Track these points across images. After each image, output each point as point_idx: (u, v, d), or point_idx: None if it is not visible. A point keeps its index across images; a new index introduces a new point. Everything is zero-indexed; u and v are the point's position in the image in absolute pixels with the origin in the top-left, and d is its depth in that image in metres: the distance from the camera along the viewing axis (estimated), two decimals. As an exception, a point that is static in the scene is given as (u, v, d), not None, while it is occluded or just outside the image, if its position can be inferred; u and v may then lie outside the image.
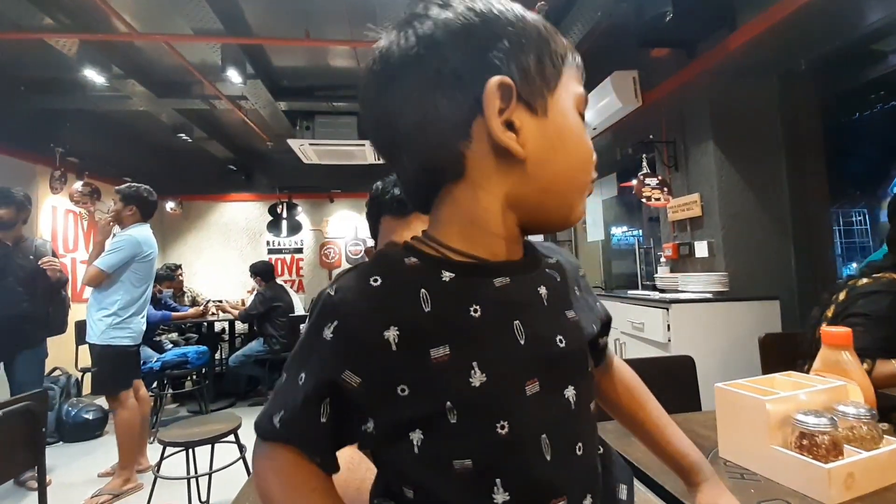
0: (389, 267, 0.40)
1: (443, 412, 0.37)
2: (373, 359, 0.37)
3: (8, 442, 1.20)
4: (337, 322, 0.38)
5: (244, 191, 6.41)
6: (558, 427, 0.39)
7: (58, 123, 4.12)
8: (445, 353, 0.37)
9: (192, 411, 4.10)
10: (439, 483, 0.37)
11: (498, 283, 0.40)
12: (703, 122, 2.73)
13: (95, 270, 2.49)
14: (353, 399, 0.38)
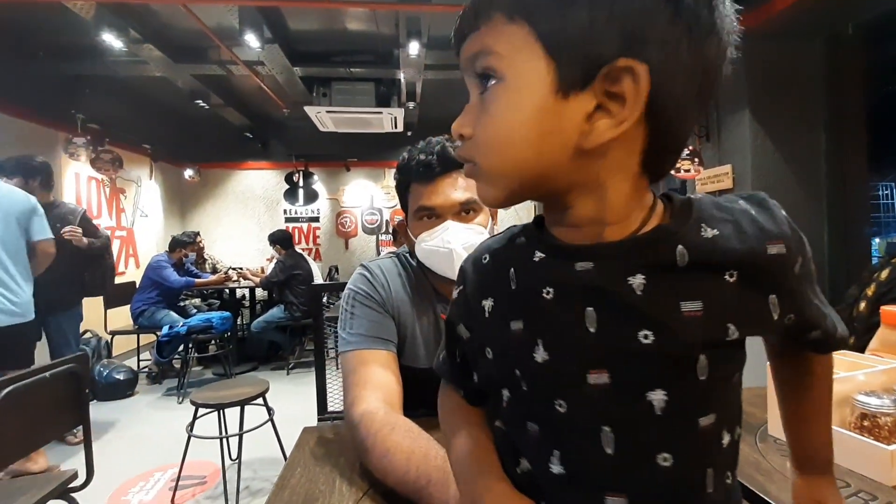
0: (501, 244, 0.45)
1: (516, 379, 0.41)
2: (475, 320, 0.45)
3: (55, 402, 1.25)
4: (461, 287, 0.47)
5: (260, 159, 6.40)
6: (630, 426, 0.36)
7: (77, 90, 4.11)
8: (520, 327, 0.40)
9: (216, 374, 4.23)
10: (518, 436, 0.42)
11: (579, 268, 0.37)
12: (739, 88, 2.61)
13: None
14: (466, 349, 0.48)
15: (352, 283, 0.93)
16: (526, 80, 0.34)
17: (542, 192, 0.38)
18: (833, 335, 0.43)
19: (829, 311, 0.43)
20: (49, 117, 3.77)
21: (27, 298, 2.21)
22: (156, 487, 2.30)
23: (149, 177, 5.36)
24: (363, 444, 0.70)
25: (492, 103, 0.36)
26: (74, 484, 1.34)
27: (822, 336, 0.42)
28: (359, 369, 0.82)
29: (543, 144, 0.35)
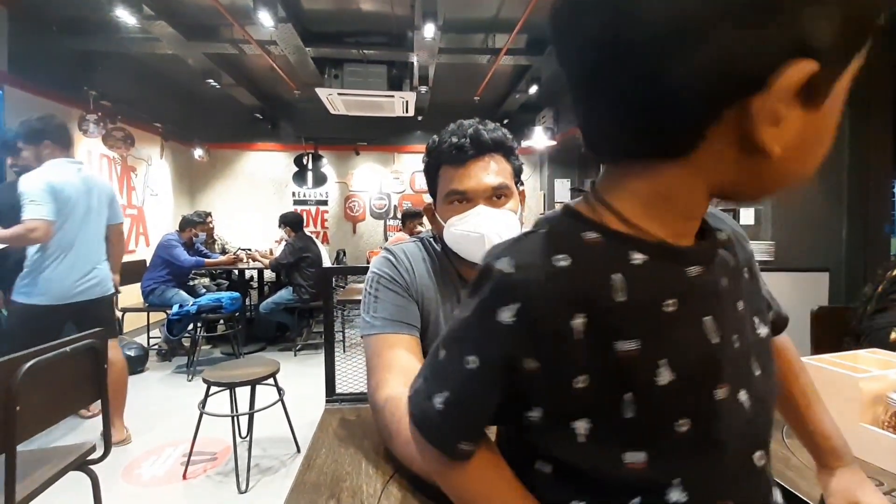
0: (574, 244, 0.35)
1: (618, 406, 0.34)
2: (556, 347, 0.34)
3: (76, 377, 1.26)
4: (520, 305, 0.34)
5: (270, 140, 6.38)
6: (735, 430, 0.36)
7: (90, 66, 4.09)
8: (634, 347, 0.34)
9: (225, 353, 4.28)
10: (607, 474, 0.35)
11: (692, 273, 0.35)
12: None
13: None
14: (524, 386, 0.36)
15: (375, 266, 0.92)
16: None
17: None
18: (781, 313, 0.53)
19: (771, 294, 0.51)
20: (62, 93, 3.76)
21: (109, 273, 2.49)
22: (167, 462, 2.34)
23: (159, 156, 5.36)
24: (387, 428, 0.70)
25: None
26: (93, 456, 1.36)
27: (776, 315, 0.51)
28: (383, 353, 0.81)
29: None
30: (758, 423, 0.38)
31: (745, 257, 0.42)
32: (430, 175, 0.93)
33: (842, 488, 0.50)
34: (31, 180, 2.13)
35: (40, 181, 2.14)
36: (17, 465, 1.07)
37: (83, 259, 2.31)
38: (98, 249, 2.41)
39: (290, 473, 2.26)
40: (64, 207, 2.21)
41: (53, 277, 2.20)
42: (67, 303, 2.23)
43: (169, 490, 2.11)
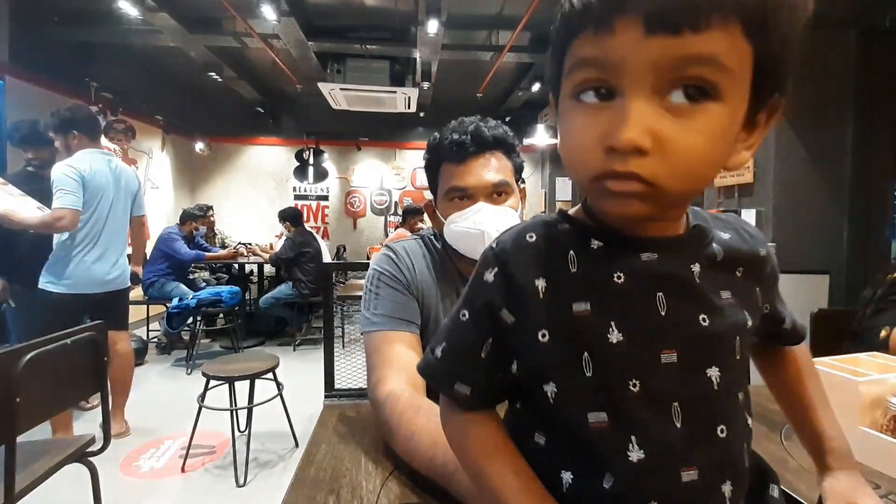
0: (544, 228, 0.43)
1: (578, 363, 0.39)
2: (523, 300, 0.41)
3: (76, 369, 1.27)
4: (497, 268, 0.42)
5: (271, 134, 6.36)
6: (695, 402, 0.39)
7: (91, 58, 4.07)
8: (586, 308, 0.39)
9: (224, 347, 4.28)
10: (574, 434, 0.40)
11: (644, 258, 0.40)
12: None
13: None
14: (506, 337, 0.42)
15: (376, 263, 0.92)
16: (739, 105, 0.34)
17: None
18: (796, 326, 0.53)
19: (789, 310, 0.53)
20: (63, 84, 3.75)
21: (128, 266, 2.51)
22: (166, 455, 2.35)
23: (160, 149, 5.35)
24: (388, 425, 0.70)
25: (704, 123, 0.33)
26: (92, 448, 1.37)
27: (791, 328, 0.52)
28: (383, 349, 0.81)
29: (719, 168, 0.36)
30: (730, 402, 0.41)
31: (746, 260, 0.45)
32: (431, 172, 0.94)
33: (840, 490, 0.50)
34: (62, 169, 2.16)
35: (70, 170, 2.16)
36: (17, 456, 1.07)
37: (110, 249, 2.34)
38: (122, 241, 2.44)
39: (288, 468, 2.26)
40: (93, 197, 2.24)
41: (81, 266, 2.23)
42: (92, 292, 2.27)
43: (167, 483, 2.12)
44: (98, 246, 2.29)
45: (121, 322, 2.51)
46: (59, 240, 2.23)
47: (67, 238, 2.21)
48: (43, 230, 2.14)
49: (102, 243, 2.31)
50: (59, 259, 2.21)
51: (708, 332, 0.40)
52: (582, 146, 0.35)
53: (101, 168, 2.29)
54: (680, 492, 0.38)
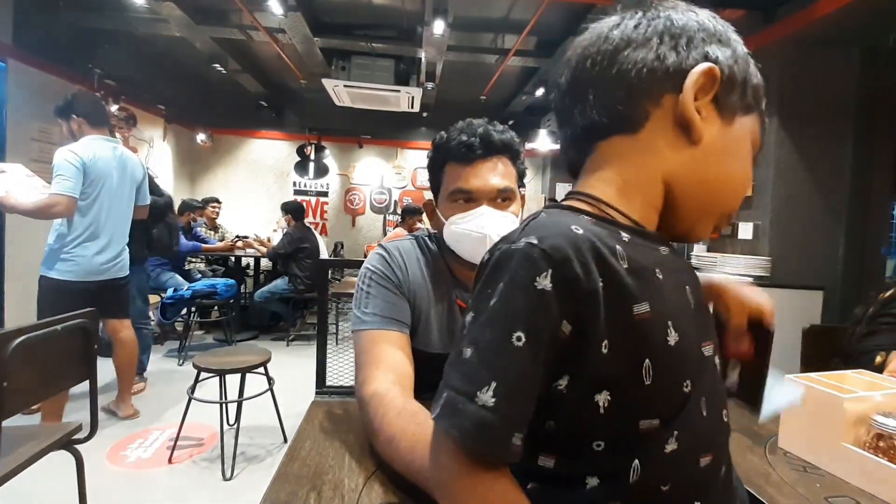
0: (579, 220, 0.40)
1: (639, 372, 0.37)
2: (587, 307, 0.36)
3: (66, 355, 1.26)
4: (552, 270, 0.35)
5: (274, 128, 6.35)
6: (712, 390, 0.42)
7: (95, 44, 4.06)
8: (646, 310, 0.37)
9: (217, 339, 4.27)
10: (620, 440, 0.38)
11: (663, 252, 0.42)
12: (769, 95, 2.49)
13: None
14: (557, 356, 0.36)
15: (369, 262, 0.92)
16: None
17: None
18: None
19: None
20: (66, 69, 3.74)
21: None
22: (154, 445, 2.34)
23: (162, 138, 5.34)
24: (371, 425, 0.70)
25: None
26: (79, 436, 1.36)
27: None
28: (372, 349, 0.81)
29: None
30: (723, 385, 0.45)
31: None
32: (433, 171, 0.93)
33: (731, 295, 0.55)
34: (63, 154, 2.15)
35: (72, 156, 2.15)
36: (2, 440, 1.07)
37: (113, 238, 2.33)
38: (125, 229, 2.43)
39: (275, 463, 2.26)
40: (94, 184, 2.23)
41: (82, 253, 2.21)
42: (93, 280, 2.25)
43: (153, 473, 2.11)
44: (100, 233, 2.28)
45: (122, 310, 2.51)
46: (58, 225, 2.22)
47: (67, 224, 2.19)
48: (38, 216, 2.12)
49: (105, 231, 2.30)
50: (60, 245, 2.20)
51: (712, 319, 0.46)
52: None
53: (104, 155, 2.27)
54: (695, 475, 0.40)
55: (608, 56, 0.44)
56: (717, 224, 0.47)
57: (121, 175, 2.36)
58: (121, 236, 2.39)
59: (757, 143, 0.46)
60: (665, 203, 0.44)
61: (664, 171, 0.43)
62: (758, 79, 0.46)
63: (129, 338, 2.53)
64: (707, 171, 0.43)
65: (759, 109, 0.46)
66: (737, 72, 0.43)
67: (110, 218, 2.32)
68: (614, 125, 0.44)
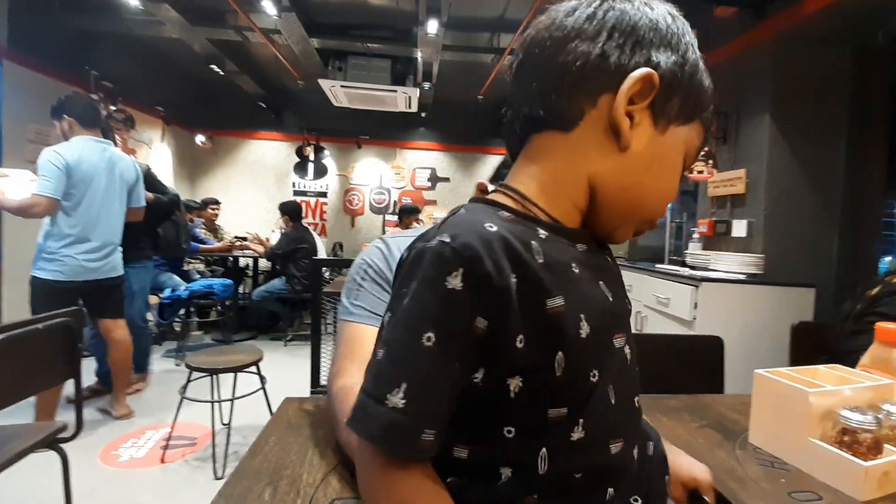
0: (495, 217, 0.40)
1: (551, 365, 0.37)
2: (499, 302, 0.36)
3: (48, 354, 1.27)
4: (464, 269, 0.35)
5: (273, 129, 6.37)
6: (621, 379, 0.43)
7: (92, 45, 4.08)
8: (560, 303, 0.38)
9: (216, 340, 4.29)
10: (529, 427, 0.39)
11: (580, 248, 0.43)
12: (762, 92, 2.54)
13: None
14: (474, 351, 0.37)
15: (366, 254, 0.89)
16: None
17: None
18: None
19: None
20: (63, 72, 3.76)
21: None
22: (147, 445, 2.35)
23: (160, 139, 5.36)
24: (335, 416, 0.69)
25: None
26: (63, 435, 1.37)
27: None
28: (353, 342, 0.80)
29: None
30: (635, 372, 0.46)
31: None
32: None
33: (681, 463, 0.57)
34: (47, 155, 2.16)
35: (56, 157, 2.15)
36: (-16, 438, 1.07)
37: (99, 237, 2.32)
38: (115, 230, 2.42)
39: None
40: (79, 185, 2.23)
41: (70, 253, 2.22)
42: (83, 279, 2.25)
43: (145, 473, 2.12)
44: (88, 234, 2.28)
45: (115, 310, 2.51)
46: (46, 226, 2.23)
47: (54, 224, 2.21)
48: (20, 215, 2.14)
49: (93, 231, 2.30)
50: (48, 245, 2.21)
51: (629, 312, 0.46)
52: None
53: (90, 157, 2.28)
54: (607, 462, 0.41)
55: (556, 44, 0.43)
56: (639, 229, 0.47)
57: (109, 176, 2.36)
58: (111, 236, 2.39)
59: (693, 153, 0.46)
60: (589, 204, 0.44)
61: (590, 174, 0.43)
62: (705, 86, 0.45)
63: (123, 338, 2.54)
64: (630, 179, 0.43)
65: (700, 118, 0.45)
66: (680, 79, 0.42)
67: (100, 218, 2.32)
68: (549, 120, 0.43)
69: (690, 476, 0.56)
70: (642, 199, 0.44)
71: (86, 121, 2.32)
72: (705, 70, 0.45)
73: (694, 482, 0.56)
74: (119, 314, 2.53)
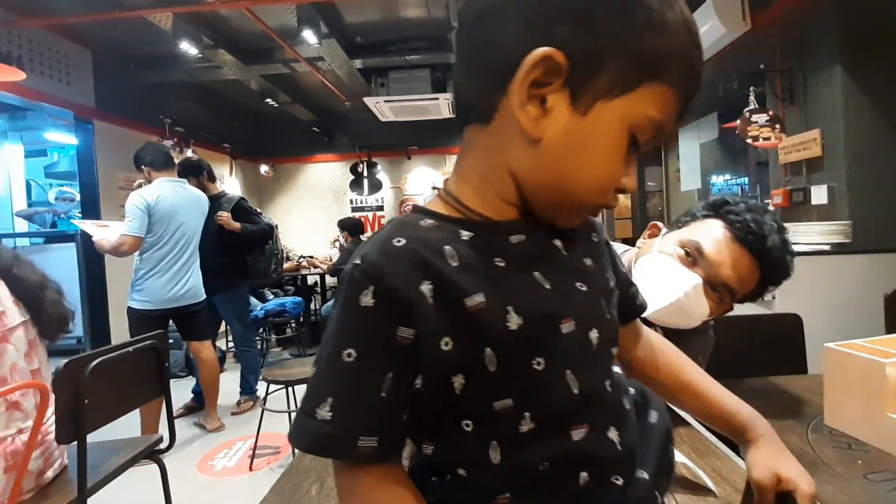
0: (409, 228, 0.40)
1: (482, 362, 0.38)
2: (418, 312, 0.37)
3: (139, 374, 1.42)
4: (374, 286, 0.37)
5: (327, 151, 6.69)
6: (584, 364, 0.41)
7: (164, 96, 4.53)
8: (481, 300, 0.37)
9: (293, 354, 4.55)
10: (481, 420, 0.39)
11: (514, 240, 0.41)
12: (829, 43, 2.29)
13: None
14: (408, 359, 0.38)
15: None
16: None
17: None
18: (638, 293, 0.55)
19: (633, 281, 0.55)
20: (142, 122, 4.21)
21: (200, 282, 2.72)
22: (237, 455, 2.54)
23: (230, 173, 5.81)
24: None
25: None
26: (160, 447, 1.52)
27: (636, 292, 0.55)
28: None
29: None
30: (607, 357, 0.43)
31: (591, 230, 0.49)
32: None
33: (762, 460, 0.49)
34: (131, 199, 2.44)
35: (139, 199, 2.43)
36: (97, 454, 1.22)
37: (182, 268, 2.56)
38: (193, 260, 2.64)
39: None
40: (161, 222, 2.48)
41: (155, 284, 2.48)
42: (168, 307, 2.51)
43: (236, 480, 2.29)
44: (169, 265, 2.52)
45: (200, 333, 2.73)
46: (137, 261, 2.50)
47: (142, 260, 2.48)
48: (113, 255, 2.46)
49: (174, 263, 2.54)
50: (137, 278, 2.49)
51: (587, 297, 0.42)
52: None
53: (168, 195, 2.53)
54: (571, 449, 0.39)
55: (472, 25, 0.40)
56: (587, 214, 0.43)
57: (188, 210, 2.61)
58: (190, 265, 2.62)
59: (645, 124, 0.38)
60: (524, 192, 0.41)
61: (510, 169, 0.40)
62: (663, 45, 0.36)
63: (210, 358, 2.77)
64: (548, 173, 0.39)
65: (655, 81, 0.37)
66: (610, 46, 0.35)
67: (179, 250, 2.56)
68: (469, 112, 0.41)
69: (789, 477, 0.47)
70: (569, 190, 0.39)
71: (158, 165, 2.58)
72: (680, 22, 0.37)
73: (792, 486, 0.47)
74: (204, 336, 2.77)
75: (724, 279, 0.77)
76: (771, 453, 0.49)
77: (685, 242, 0.81)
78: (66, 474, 1.25)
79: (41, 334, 1.16)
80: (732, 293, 0.78)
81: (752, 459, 0.50)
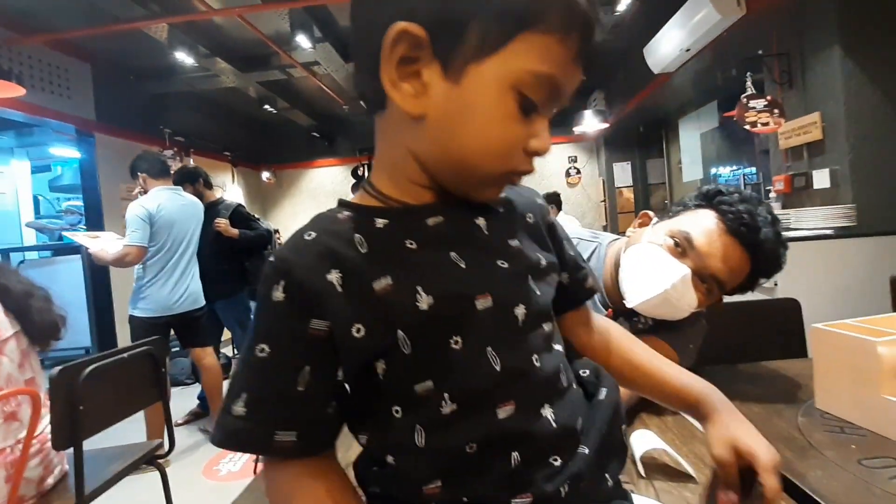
0: (322, 222, 0.41)
1: (395, 345, 0.37)
2: (327, 302, 0.37)
3: (135, 380, 1.42)
4: (283, 281, 0.37)
5: (328, 156, 6.72)
6: (507, 341, 0.40)
7: (163, 106, 4.57)
8: (388, 283, 0.37)
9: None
10: (406, 403, 0.39)
11: (431, 223, 0.41)
12: (827, 23, 2.25)
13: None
14: (325, 351, 0.38)
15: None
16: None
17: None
18: (588, 278, 0.53)
19: (585, 265, 0.53)
20: (142, 133, 4.24)
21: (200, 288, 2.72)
22: (242, 460, 2.54)
23: (231, 181, 5.85)
24: None
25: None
26: (159, 453, 1.52)
27: (586, 276, 0.53)
28: None
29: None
30: (537, 333, 0.42)
31: (526, 212, 0.48)
32: None
33: (719, 434, 0.47)
34: (132, 209, 2.45)
35: (140, 209, 2.43)
36: (91, 460, 1.22)
37: (181, 275, 2.57)
38: (192, 266, 2.65)
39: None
40: (162, 229, 2.49)
41: (156, 292, 2.49)
42: (169, 314, 2.51)
43: (241, 485, 2.26)
44: (170, 273, 2.53)
45: (202, 340, 2.74)
46: (137, 270, 2.51)
47: (143, 269, 2.49)
48: (117, 266, 2.46)
49: (174, 271, 2.55)
50: (138, 287, 2.50)
51: (509, 274, 0.41)
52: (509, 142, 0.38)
53: (166, 204, 2.54)
54: (498, 427, 0.38)
55: (351, 18, 0.40)
56: (499, 184, 0.42)
57: (186, 218, 2.62)
58: (189, 273, 2.63)
59: (529, 80, 0.36)
60: (433, 173, 0.40)
61: (411, 151, 0.40)
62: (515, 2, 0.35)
63: (212, 364, 2.78)
64: (438, 147, 0.38)
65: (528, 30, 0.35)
66: (458, 11, 0.35)
67: (178, 258, 2.57)
68: (369, 102, 0.41)
69: (747, 448, 0.44)
70: (465, 161, 0.38)
71: (154, 173, 2.59)
72: None
73: (750, 457, 0.44)
74: (206, 343, 2.77)
75: (713, 271, 0.75)
76: (727, 426, 0.47)
77: (675, 232, 0.79)
78: (67, 481, 1.26)
79: (32, 343, 1.17)
80: (721, 285, 0.77)
81: (710, 436, 0.48)
